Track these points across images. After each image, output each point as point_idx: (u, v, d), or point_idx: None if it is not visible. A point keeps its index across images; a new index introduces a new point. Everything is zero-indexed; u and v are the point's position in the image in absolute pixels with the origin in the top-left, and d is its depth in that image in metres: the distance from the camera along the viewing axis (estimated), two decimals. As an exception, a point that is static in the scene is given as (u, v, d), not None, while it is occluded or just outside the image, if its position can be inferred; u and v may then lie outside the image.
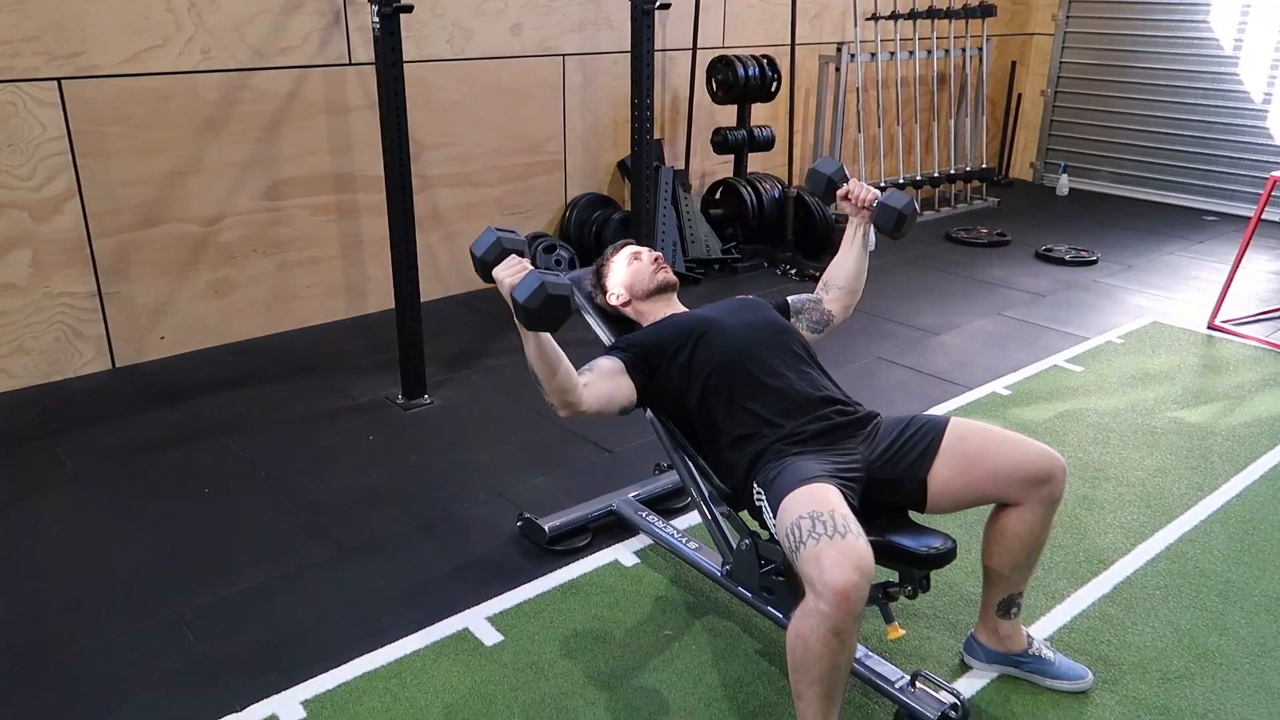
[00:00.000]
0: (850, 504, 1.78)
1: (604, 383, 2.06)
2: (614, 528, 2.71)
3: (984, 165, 6.70)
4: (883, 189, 2.40)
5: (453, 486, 2.96)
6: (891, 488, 1.97)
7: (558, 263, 4.80)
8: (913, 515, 2.01)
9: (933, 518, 2.01)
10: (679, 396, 2.13)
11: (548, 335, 1.88)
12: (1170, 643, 2.27)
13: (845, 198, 2.34)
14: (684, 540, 2.50)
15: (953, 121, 6.56)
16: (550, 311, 1.79)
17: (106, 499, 2.88)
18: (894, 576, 1.94)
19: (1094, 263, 5.32)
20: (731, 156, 5.40)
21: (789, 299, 2.40)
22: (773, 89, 5.23)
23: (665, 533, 2.55)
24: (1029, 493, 1.93)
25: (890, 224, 2.28)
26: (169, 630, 2.29)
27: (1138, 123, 6.84)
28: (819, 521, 1.68)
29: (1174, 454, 3.17)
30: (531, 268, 1.85)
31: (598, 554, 2.61)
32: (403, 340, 3.48)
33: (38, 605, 2.39)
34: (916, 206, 2.27)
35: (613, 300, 2.36)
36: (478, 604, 2.39)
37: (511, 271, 1.85)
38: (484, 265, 1.93)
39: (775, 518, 1.82)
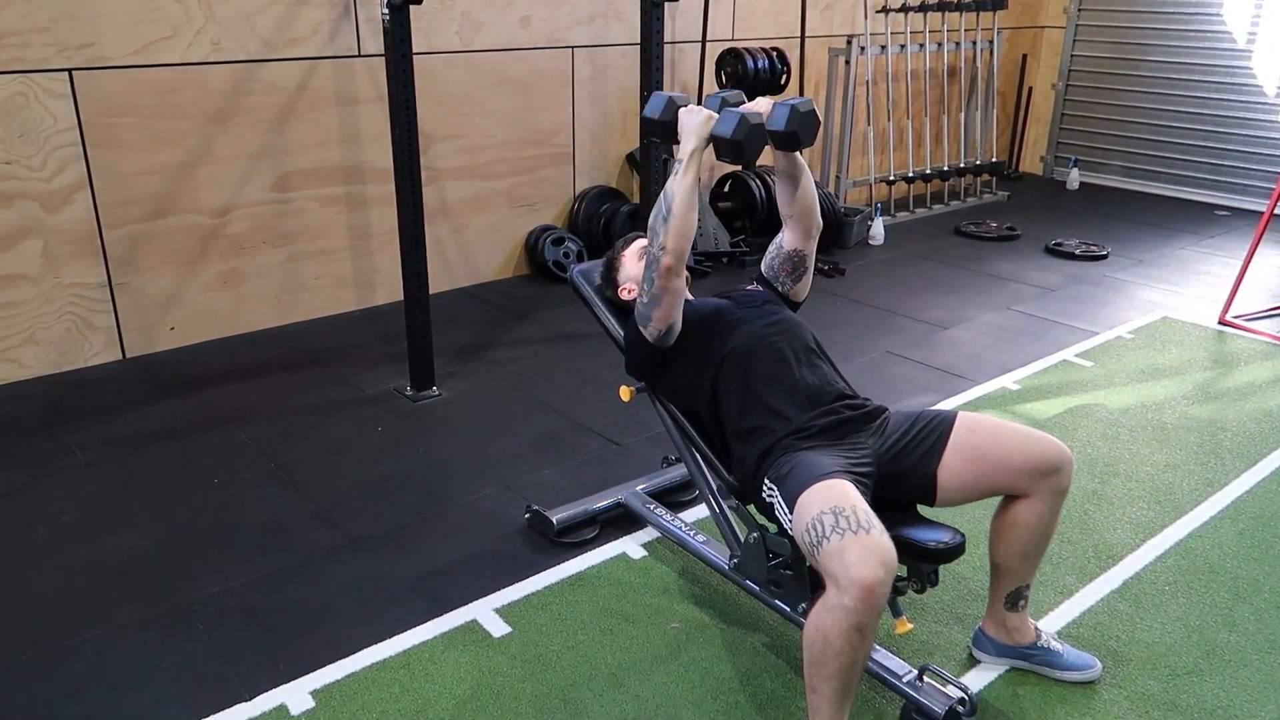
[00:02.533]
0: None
1: (684, 283, 2.12)
2: (622, 520, 2.71)
3: (994, 159, 6.67)
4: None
5: (461, 478, 2.97)
6: (900, 481, 1.97)
7: (566, 255, 4.80)
8: (921, 509, 2.01)
9: (939, 512, 2.01)
10: (691, 382, 2.13)
11: (698, 181, 2.05)
12: (1179, 638, 2.26)
13: None
14: (692, 533, 2.50)
15: (963, 115, 6.53)
16: (758, 138, 2.01)
17: (117, 488, 2.90)
18: (902, 571, 1.94)
19: (1104, 257, 5.29)
20: (740, 149, 5.37)
21: (761, 269, 2.36)
22: (782, 81, 5.21)
23: (673, 525, 2.55)
24: (1037, 484, 1.93)
25: (785, 143, 2.04)
26: (178, 619, 2.30)
27: (1149, 116, 6.80)
28: (841, 517, 1.68)
29: (1184, 449, 3.16)
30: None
31: (605, 546, 2.61)
32: (411, 332, 3.48)
33: (48, 593, 2.41)
34: (806, 106, 2.01)
35: (624, 294, 2.35)
36: (486, 595, 2.39)
37: (697, 114, 2.07)
38: (672, 103, 2.14)
39: (791, 513, 1.82)
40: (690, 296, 2.34)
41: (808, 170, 2.23)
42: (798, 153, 2.14)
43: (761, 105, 2.07)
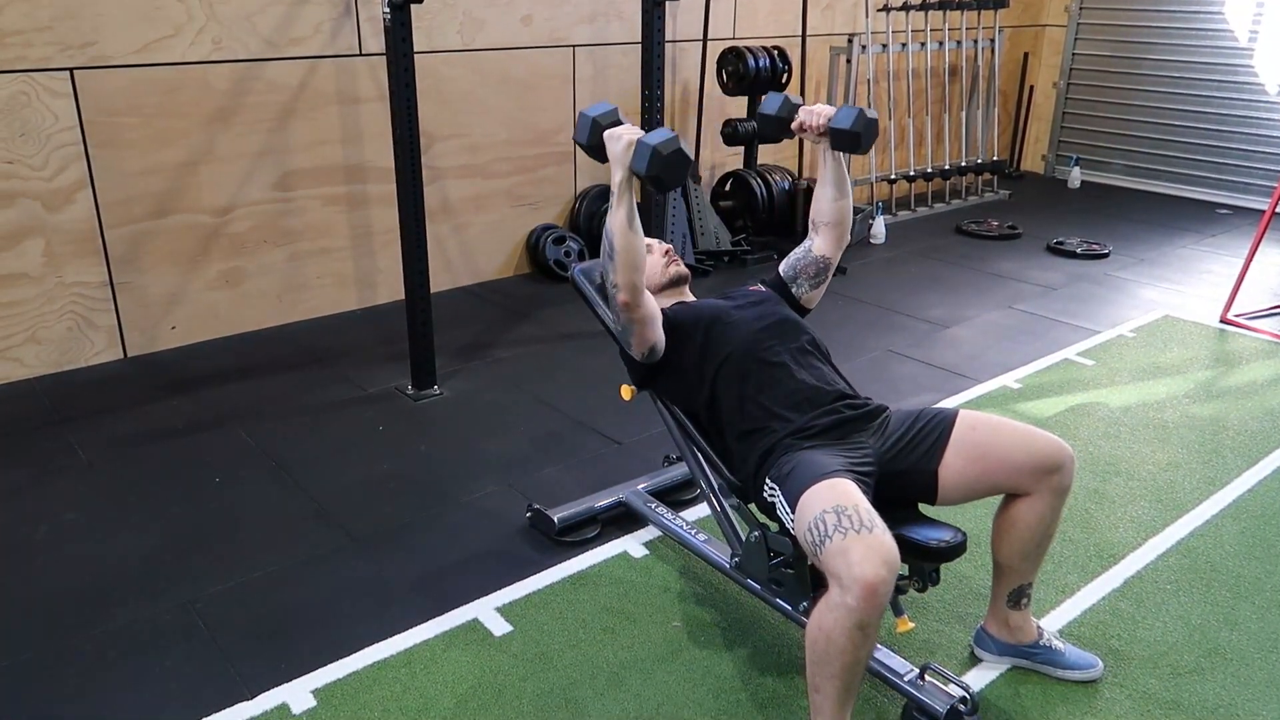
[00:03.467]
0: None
1: (655, 306, 2.11)
2: (623, 519, 2.71)
3: (995, 158, 6.67)
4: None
5: (462, 477, 2.97)
6: (902, 480, 1.97)
7: (567, 254, 4.80)
8: (922, 508, 2.01)
9: (941, 511, 2.01)
10: (690, 387, 2.13)
11: (635, 209, 1.98)
12: (1181, 637, 2.26)
13: (801, 129, 2.25)
14: (693, 532, 2.50)
15: (964, 113, 6.53)
16: (677, 161, 1.92)
17: (118, 487, 2.90)
18: (904, 570, 1.94)
19: (1105, 256, 5.29)
20: (741, 148, 5.38)
21: (780, 270, 2.35)
22: (783, 80, 5.21)
23: (674, 524, 2.55)
24: (1039, 482, 1.93)
25: (847, 144, 2.16)
26: (180, 618, 2.31)
27: (1151, 115, 6.79)
28: (844, 516, 1.68)
29: (1185, 448, 3.16)
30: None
31: (607, 545, 2.61)
32: (412, 331, 3.49)
33: (51, 592, 2.41)
34: (871, 114, 2.15)
35: (624, 293, 2.35)
36: (487, 594, 2.39)
37: (627, 129, 1.99)
38: (595, 125, 2.05)
39: (793, 512, 1.82)
40: (692, 297, 2.34)
41: (849, 183, 2.29)
42: (844, 163, 2.23)
43: (823, 109, 2.18)
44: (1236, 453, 3.13)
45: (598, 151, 2.06)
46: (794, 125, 2.26)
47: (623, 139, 1.96)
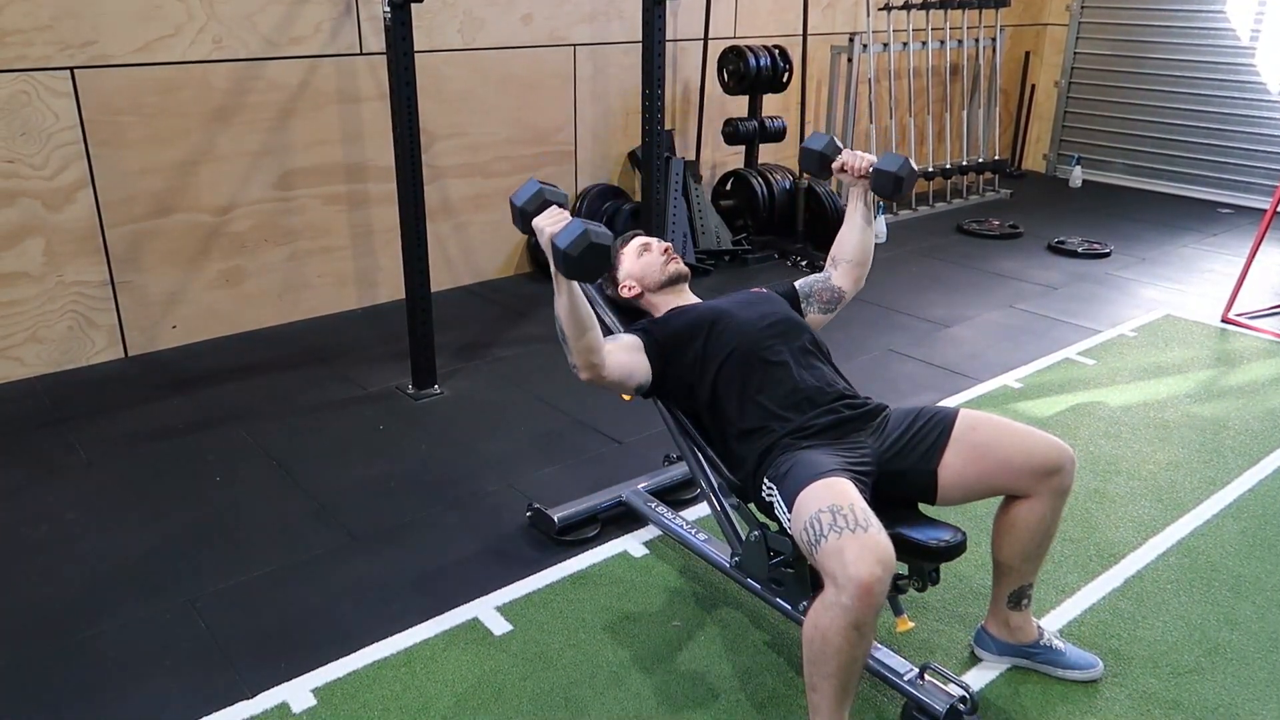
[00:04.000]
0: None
1: (626, 355, 2.10)
2: (623, 518, 2.71)
3: (996, 157, 6.66)
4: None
5: (462, 476, 2.97)
6: (901, 480, 1.97)
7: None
8: (922, 508, 2.01)
9: (941, 510, 2.01)
10: (690, 388, 2.13)
11: (579, 290, 1.91)
12: (1181, 637, 2.26)
13: (842, 170, 2.32)
14: (693, 531, 2.50)
15: (965, 113, 6.52)
16: (591, 259, 1.81)
17: (119, 486, 2.90)
18: (903, 569, 1.94)
19: (1107, 255, 5.28)
20: (742, 147, 5.38)
21: (796, 284, 2.39)
22: (784, 80, 5.21)
23: (674, 524, 2.55)
24: (1039, 483, 1.93)
25: (889, 188, 2.22)
26: (181, 617, 2.31)
27: (1152, 114, 6.79)
28: (839, 515, 1.68)
29: (1186, 448, 3.15)
30: (573, 217, 1.88)
31: (607, 545, 2.61)
32: (413, 330, 3.49)
33: (51, 591, 2.41)
34: (914, 165, 2.24)
35: (624, 292, 2.35)
36: (487, 594, 2.39)
37: (552, 220, 1.89)
38: (524, 215, 1.97)
39: (790, 512, 1.82)
40: (692, 296, 2.34)
41: (873, 227, 2.37)
42: (873, 205, 2.31)
43: (865, 160, 2.26)
44: (1237, 452, 3.12)
45: (533, 236, 1.97)
46: (835, 165, 2.33)
47: (544, 232, 1.88)
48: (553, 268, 1.86)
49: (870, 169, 2.26)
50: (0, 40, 3.28)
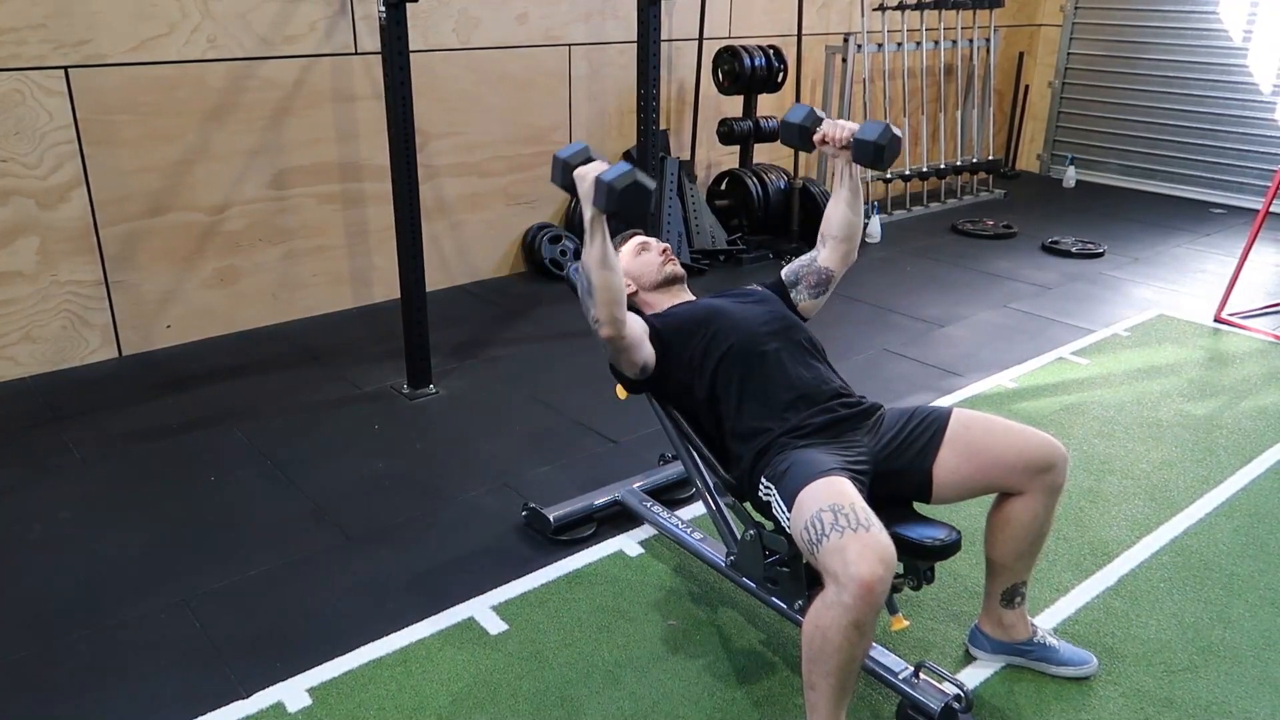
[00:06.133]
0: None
1: (639, 327, 2.11)
2: (619, 518, 2.71)
3: (991, 157, 6.67)
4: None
5: (458, 476, 2.97)
6: (896, 479, 1.97)
7: (563, 253, 4.80)
8: (917, 506, 2.01)
9: (936, 509, 2.01)
10: (686, 387, 2.14)
11: (610, 244, 1.96)
12: (1174, 635, 2.27)
13: (823, 142, 2.23)
14: (689, 531, 2.51)
15: (959, 113, 6.53)
16: (632, 195, 1.88)
17: (113, 486, 2.89)
18: (898, 568, 1.94)
19: (1100, 255, 5.30)
20: (737, 147, 5.38)
21: (782, 274, 2.36)
22: (779, 79, 5.21)
23: (670, 523, 2.55)
24: (1032, 481, 1.93)
25: (869, 157, 2.13)
26: (175, 617, 2.30)
27: (1146, 114, 6.81)
28: (840, 514, 1.69)
29: (1179, 447, 3.17)
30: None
31: (602, 544, 2.61)
32: (408, 330, 3.48)
33: (46, 590, 2.41)
34: (897, 132, 2.15)
35: (621, 290, 2.34)
36: (483, 593, 2.39)
37: (595, 169, 1.96)
38: (566, 167, 2.03)
39: (789, 511, 1.82)
40: (692, 297, 2.34)
41: (863, 201, 2.29)
42: (859, 178, 2.23)
43: (847, 123, 2.18)
44: (1230, 451, 3.14)
45: (572, 191, 2.05)
46: (816, 137, 2.24)
47: (588, 177, 1.95)
48: (588, 216, 1.93)
49: (850, 140, 2.17)
50: (-6, 39, 3.28)
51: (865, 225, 5.59)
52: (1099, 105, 7.03)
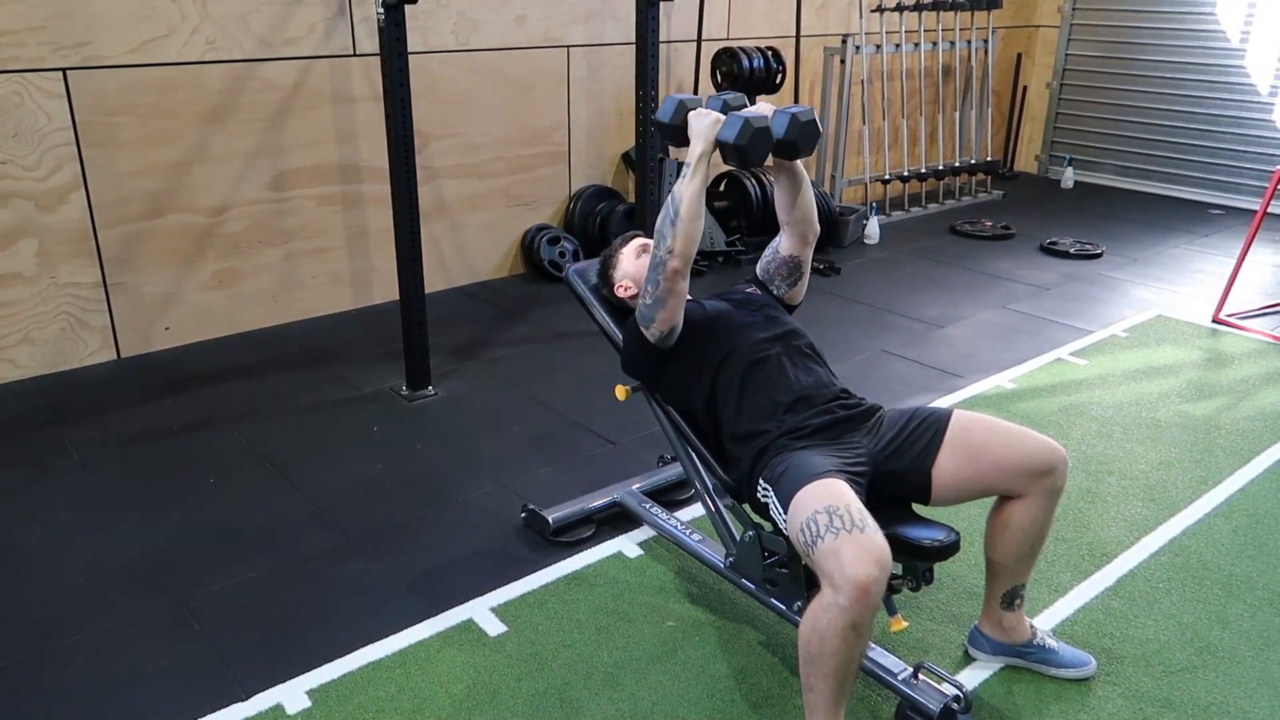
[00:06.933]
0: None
1: (686, 284, 2.11)
2: (618, 519, 2.71)
3: (989, 158, 6.68)
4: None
5: (457, 477, 2.97)
6: (895, 480, 1.98)
7: (561, 254, 4.80)
8: (916, 508, 2.01)
9: (935, 510, 2.02)
10: (688, 387, 2.14)
11: (704, 185, 2.04)
12: (1173, 636, 2.27)
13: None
14: (688, 532, 2.51)
15: (958, 114, 6.54)
16: (762, 138, 1.98)
17: (113, 488, 2.90)
18: (898, 569, 1.95)
19: (1099, 256, 5.31)
20: (736, 148, 5.38)
21: (756, 272, 2.37)
22: (777, 81, 5.21)
23: (669, 524, 2.55)
24: (1032, 484, 1.94)
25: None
26: (175, 618, 2.30)
27: (1143, 115, 6.81)
28: (836, 516, 1.69)
29: (1178, 447, 3.17)
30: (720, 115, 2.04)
31: (601, 545, 2.62)
32: (407, 331, 3.49)
33: (45, 592, 2.40)
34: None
35: (620, 292, 2.35)
36: (482, 595, 2.40)
37: (705, 117, 2.04)
38: (683, 105, 2.11)
39: (786, 513, 1.82)
40: (690, 297, 2.34)
41: (807, 178, 2.25)
42: (798, 161, 2.16)
43: (763, 109, 2.08)
44: (1229, 452, 3.14)
45: (674, 131, 2.13)
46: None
47: (710, 115, 2.04)
48: (700, 150, 2.01)
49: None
50: (-7, 41, 3.28)
51: (864, 225, 5.59)
52: (1097, 106, 7.03)
